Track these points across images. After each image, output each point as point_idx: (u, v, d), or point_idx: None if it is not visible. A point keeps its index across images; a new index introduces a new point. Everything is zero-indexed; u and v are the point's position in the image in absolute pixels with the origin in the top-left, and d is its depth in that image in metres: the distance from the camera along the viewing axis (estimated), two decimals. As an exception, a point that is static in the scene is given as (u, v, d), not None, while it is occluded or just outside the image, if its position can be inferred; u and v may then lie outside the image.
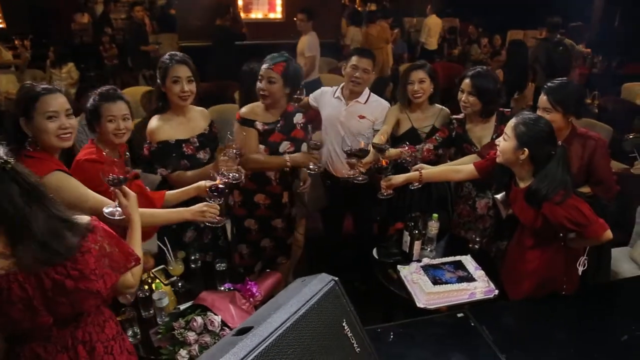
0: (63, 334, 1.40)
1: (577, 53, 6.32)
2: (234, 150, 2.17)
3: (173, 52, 2.49)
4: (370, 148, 2.51)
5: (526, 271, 2.19)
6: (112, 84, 6.03)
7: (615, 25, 9.00)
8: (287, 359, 1.07)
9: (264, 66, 2.52)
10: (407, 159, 2.50)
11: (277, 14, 7.44)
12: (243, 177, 2.18)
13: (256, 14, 7.41)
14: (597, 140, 2.42)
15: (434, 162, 2.75)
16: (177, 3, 7.97)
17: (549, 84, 2.41)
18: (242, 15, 7.05)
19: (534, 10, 6.95)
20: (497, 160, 2.15)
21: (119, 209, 1.73)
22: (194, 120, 2.55)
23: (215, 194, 2.03)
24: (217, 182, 2.02)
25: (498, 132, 2.63)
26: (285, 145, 2.63)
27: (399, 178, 2.43)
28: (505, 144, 2.08)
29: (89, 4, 9.48)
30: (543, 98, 2.37)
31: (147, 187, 2.20)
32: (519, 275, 2.23)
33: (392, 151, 2.53)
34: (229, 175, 2.08)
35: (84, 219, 1.38)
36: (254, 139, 2.59)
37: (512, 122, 2.07)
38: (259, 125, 2.60)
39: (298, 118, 2.71)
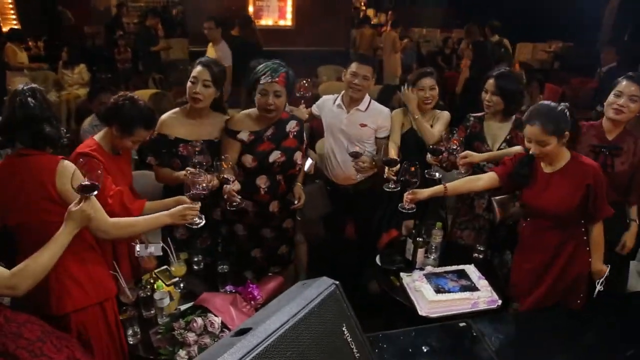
0: None
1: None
2: (196, 160, 2.16)
3: (206, 57, 2.57)
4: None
5: (551, 268, 2.21)
6: (123, 86, 6.06)
7: (625, 41, 8.93)
8: (285, 361, 1.06)
9: (267, 79, 2.36)
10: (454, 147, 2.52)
11: (287, 21, 7.51)
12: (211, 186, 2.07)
13: (266, 21, 7.49)
14: None
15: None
16: (188, 9, 8.05)
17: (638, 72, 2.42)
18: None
19: (542, 25, 7.00)
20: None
21: None
22: (207, 126, 2.49)
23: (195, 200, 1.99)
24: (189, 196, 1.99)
25: (512, 134, 2.64)
26: (275, 155, 2.48)
27: (424, 192, 2.33)
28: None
29: (59, 10, 9.05)
30: (631, 85, 2.35)
31: (128, 194, 2.12)
32: (540, 274, 2.24)
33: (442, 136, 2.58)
34: (199, 187, 1.97)
35: None
36: (235, 151, 2.46)
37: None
38: (244, 136, 2.45)
39: (291, 126, 2.55)
